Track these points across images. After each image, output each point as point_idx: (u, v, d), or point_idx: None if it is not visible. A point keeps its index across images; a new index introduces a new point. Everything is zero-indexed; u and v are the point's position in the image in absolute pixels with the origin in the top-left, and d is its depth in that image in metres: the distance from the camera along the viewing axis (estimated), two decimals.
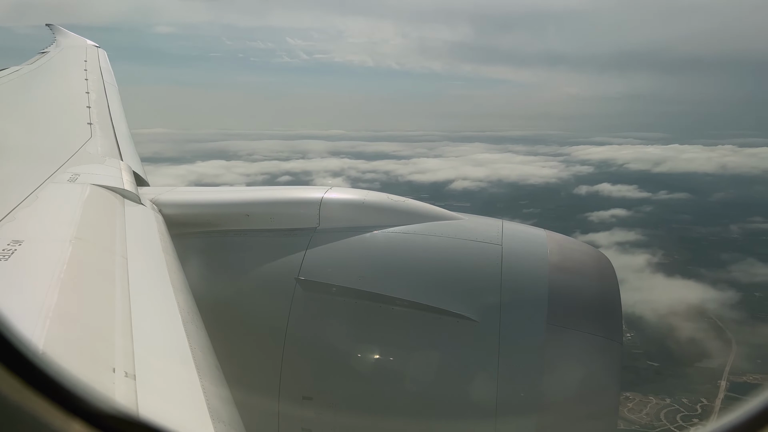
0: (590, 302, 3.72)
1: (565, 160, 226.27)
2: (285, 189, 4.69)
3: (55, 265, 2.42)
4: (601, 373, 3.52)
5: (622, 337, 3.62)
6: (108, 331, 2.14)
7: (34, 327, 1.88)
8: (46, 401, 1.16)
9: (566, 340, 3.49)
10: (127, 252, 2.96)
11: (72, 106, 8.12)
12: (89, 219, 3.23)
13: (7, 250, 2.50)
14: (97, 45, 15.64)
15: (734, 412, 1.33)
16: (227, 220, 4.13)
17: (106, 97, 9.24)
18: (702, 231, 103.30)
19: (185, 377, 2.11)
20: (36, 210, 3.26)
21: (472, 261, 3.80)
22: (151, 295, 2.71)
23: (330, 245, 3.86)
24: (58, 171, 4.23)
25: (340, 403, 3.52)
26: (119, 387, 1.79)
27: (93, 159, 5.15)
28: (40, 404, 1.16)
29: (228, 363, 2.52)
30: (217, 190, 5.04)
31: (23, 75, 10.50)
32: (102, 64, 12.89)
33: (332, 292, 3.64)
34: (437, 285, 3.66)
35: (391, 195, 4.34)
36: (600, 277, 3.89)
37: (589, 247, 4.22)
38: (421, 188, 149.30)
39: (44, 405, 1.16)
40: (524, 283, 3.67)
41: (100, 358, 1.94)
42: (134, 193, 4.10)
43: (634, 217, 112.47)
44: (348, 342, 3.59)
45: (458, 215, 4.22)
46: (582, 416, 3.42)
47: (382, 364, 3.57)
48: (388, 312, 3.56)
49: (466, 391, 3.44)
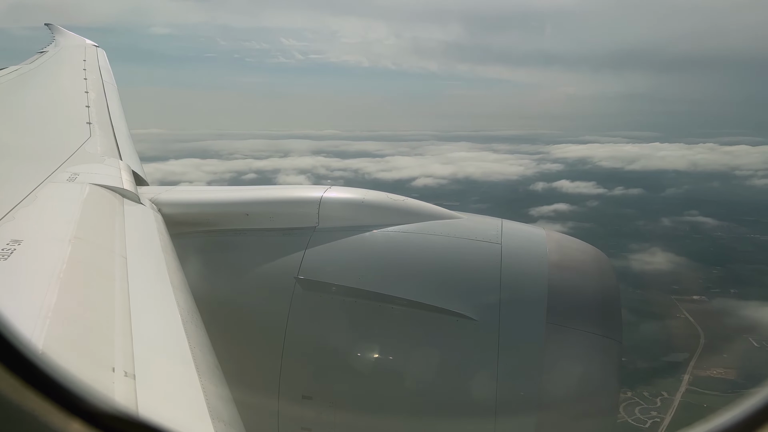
0: (590, 301, 3.75)
1: (541, 158, 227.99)
2: (284, 188, 4.72)
3: (54, 264, 2.43)
4: (600, 372, 3.54)
5: (622, 335, 3.64)
6: (107, 330, 2.15)
7: (33, 326, 1.88)
8: (45, 400, 1.16)
9: (566, 339, 3.50)
10: (126, 251, 2.97)
11: (71, 106, 8.14)
12: (88, 218, 3.25)
13: (6, 250, 2.50)
14: (96, 44, 15.72)
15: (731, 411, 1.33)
16: (227, 220, 4.16)
17: (105, 97, 9.27)
18: (635, 224, 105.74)
19: (185, 377, 2.11)
20: (35, 209, 3.26)
21: (471, 260, 3.82)
22: (150, 295, 2.72)
23: (329, 244, 3.87)
24: (58, 170, 4.25)
25: (339, 403, 3.54)
26: (119, 387, 1.80)
27: (92, 158, 5.15)
28: (40, 403, 1.16)
29: (228, 362, 2.54)
30: (217, 189, 5.02)
31: (22, 74, 10.58)
32: (101, 64, 12.91)
33: (332, 292, 3.65)
34: (437, 284, 3.67)
35: (390, 194, 4.36)
36: (599, 276, 3.92)
37: (589, 246, 4.20)
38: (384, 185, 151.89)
39: (43, 404, 1.16)
40: (524, 282, 3.69)
41: (100, 358, 1.95)
42: (133, 192, 4.12)
43: (576, 211, 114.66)
44: (347, 341, 3.60)
45: (457, 214, 4.23)
46: (582, 415, 3.43)
47: (382, 363, 3.58)
48: (388, 311, 3.57)
49: (465, 390, 3.45)
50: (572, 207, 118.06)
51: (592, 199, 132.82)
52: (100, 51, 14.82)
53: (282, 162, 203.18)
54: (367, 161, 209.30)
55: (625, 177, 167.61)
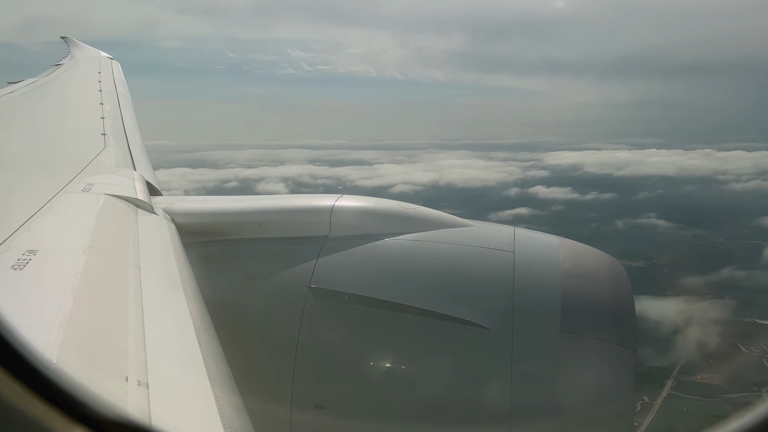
0: (604, 309, 3.72)
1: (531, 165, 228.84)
2: (296, 197, 4.75)
3: (69, 274, 2.46)
4: (615, 381, 3.52)
5: (638, 344, 3.61)
6: (121, 339, 2.17)
7: (48, 336, 1.91)
8: (48, 406, 1.17)
9: (580, 348, 3.48)
10: (140, 261, 3.00)
11: (86, 117, 8.31)
12: (103, 228, 3.29)
13: (22, 260, 2.54)
14: (111, 57, 16.04)
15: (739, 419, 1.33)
16: (239, 229, 4.18)
17: (119, 108, 9.41)
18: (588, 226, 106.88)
19: (198, 386, 2.13)
20: (51, 220, 3.30)
21: (483, 268, 3.81)
22: (163, 304, 2.74)
23: (341, 253, 3.89)
24: (73, 181, 4.31)
25: (352, 412, 3.53)
26: (132, 396, 1.81)
27: (107, 169, 5.22)
28: (43, 409, 1.17)
29: (240, 371, 2.56)
30: (230, 198, 5.10)
31: (39, 86, 10.84)
32: (116, 76, 13.15)
33: (344, 300, 3.65)
34: (449, 293, 3.67)
35: (401, 202, 4.35)
36: (614, 283, 3.90)
37: (603, 254, 4.17)
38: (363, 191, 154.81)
39: (46, 410, 1.17)
40: (537, 290, 3.67)
41: (114, 367, 1.97)
42: (147, 202, 4.15)
43: (536, 215, 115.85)
44: (360, 350, 3.60)
45: (469, 222, 4.21)
46: (597, 424, 3.41)
47: (394, 372, 3.58)
48: (401, 320, 3.57)
49: (479, 400, 3.44)
50: (534, 211, 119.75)
51: (558, 203, 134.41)
52: (114, 63, 15.13)
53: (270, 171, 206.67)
54: (354, 169, 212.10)
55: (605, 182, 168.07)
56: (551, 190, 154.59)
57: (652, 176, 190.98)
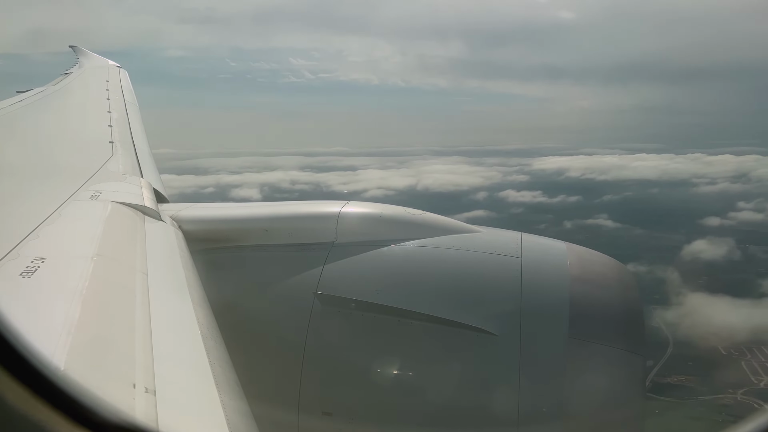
0: (612, 315, 3.71)
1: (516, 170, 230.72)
2: (303, 204, 4.76)
3: (77, 281, 2.47)
4: (624, 387, 3.52)
5: (646, 350, 3.60)
6: (128, 346, 2.18)
7: (56, 342, 1.92)
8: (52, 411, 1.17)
9: (588, 353, 3.46)
10: (147, 268, 3.02)
11: (94, 125, 8.38)
12: (110, 236, 3.31)
13: (30, 267, 2.55)
14: (119, 65, 16.17)
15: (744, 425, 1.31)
16: (246, 236, 4.20)
17: (127, 116, 9.51)
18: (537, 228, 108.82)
19: (205, 392, 2.14)
20: (59, 227, 3.32)
21: (491, 274, 3.81)
22: (171, 311, 2.75)
23: (348, 259, 3.89)
24: (81, 189, 4.34)
25: (360, 419, 3.52)
26: (140, 402, 1.81)
27: (114, 177, 5.26)
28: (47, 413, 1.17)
29: (247, 378, 2.56)
30: (236, 205, 5.10)
31: (47, 95, 10.95)
32: (123, 84, 13.24)
33: (351, 307, 3.65)
34: (456, 299, 3.67)
35: (408, 208, 4.36)
36: (622, 289, 3.89)
37: (611, 259, 4.16)
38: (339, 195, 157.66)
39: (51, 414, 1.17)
40: (545, 296, 3.66)
41: (121, 374, 1.98)
42: (154, 209, 4.18)
43: (492, 217, 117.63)
44: (367, 357, 3.60)
45: (476, 228, 4.22)
46: (605, 430, 3.41)
47: (402, 378, 3.57)
48: (408, 326, 3.57)
49: (487, 406, 3.44)
50: (491, 213, 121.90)
51: (519, 206, 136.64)
52: (122, 71, 15.23)
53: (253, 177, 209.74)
54: (336, 175, 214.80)
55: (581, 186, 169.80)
56: (521, 194, 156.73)
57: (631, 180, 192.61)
